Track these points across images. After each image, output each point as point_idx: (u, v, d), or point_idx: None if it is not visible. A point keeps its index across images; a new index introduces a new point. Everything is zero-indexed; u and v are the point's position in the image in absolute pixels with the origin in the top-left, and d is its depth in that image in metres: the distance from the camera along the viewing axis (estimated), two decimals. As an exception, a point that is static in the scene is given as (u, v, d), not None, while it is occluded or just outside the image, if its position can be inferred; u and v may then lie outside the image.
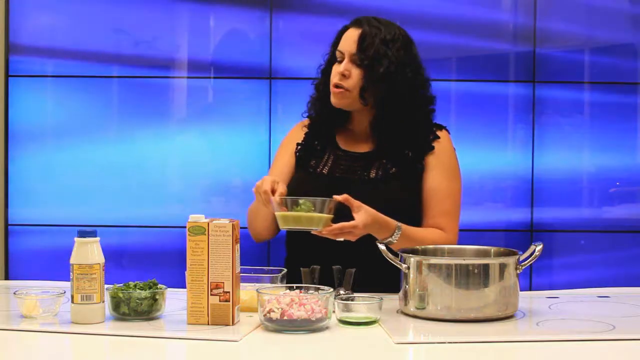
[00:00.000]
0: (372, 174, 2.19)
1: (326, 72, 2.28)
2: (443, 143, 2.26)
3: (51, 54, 3.06)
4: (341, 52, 2.21)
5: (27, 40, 3.07)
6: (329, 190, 1.99)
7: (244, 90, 3.07)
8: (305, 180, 2.24)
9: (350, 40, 2.20)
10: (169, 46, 3.08)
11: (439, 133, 2.27)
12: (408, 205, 2.19)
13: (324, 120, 2.31)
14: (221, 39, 3.10)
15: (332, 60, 2.27)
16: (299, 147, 2.31)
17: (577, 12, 3.10)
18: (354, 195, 1.95)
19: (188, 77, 3.09)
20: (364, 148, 2.26)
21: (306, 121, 2.39)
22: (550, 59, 3.09)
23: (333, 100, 2.22)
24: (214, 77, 3.08)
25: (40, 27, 3.07)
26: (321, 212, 1.87)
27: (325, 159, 2.26)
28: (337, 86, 2.20)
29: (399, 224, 2.04)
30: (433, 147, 2.23)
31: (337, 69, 2.21)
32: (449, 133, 2.31)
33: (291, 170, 2.30)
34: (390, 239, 2.01)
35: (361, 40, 2.17)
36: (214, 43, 3.10)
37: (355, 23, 2.23)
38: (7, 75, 3.05)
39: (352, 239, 1.96)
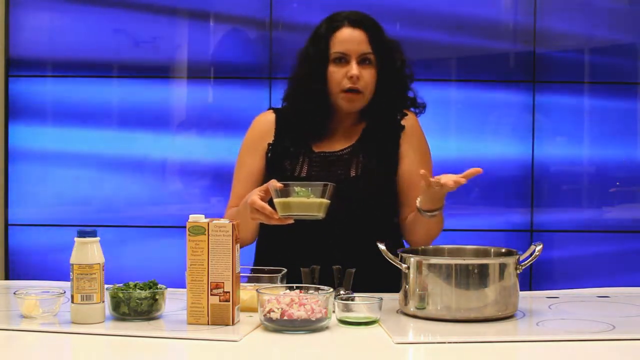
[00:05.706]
0: (353, 173, 2.17)
1: (318, 75, 2.14)
2: (411, 122, 2.22)
3: (52, 55, 3.07)
4: (344, 54, 2.12)
5: (27, 41, 3.07)
6: None
7: (244, 90, 3.07)
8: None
9: (352, 41, 2.12)
10: (169, 47, 3.09)
11: (405, 111, 2.24)
12: (391, 198, 2.19)
13: (311, 123, 2.19)
14: (221, 39, 3.10)
15: (322, 61, 2.14)
16: (270, 147, 2.21)
17: (577, 12, 3.10)
18: (337, 195, 1.89)
19: (188, 78, 3.09)
20: (335, 147, 2.22)
21: (267, 115, 2.26)
22: (550, 59, 3.09)
23: (345, 105, 2.13)
24: (214, 78, 3.09)
25: (40, 28, 3.07)
26: (322, 197, 1.85)
27: (300, 161, 2.18)
28: (351, 90, 2.11)
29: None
30: (404, 127, 2.20)
31: (342, 71, 2.12)
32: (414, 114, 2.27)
33: (261, 174, 2.20)
34: (438, 211, 2.02)
35: (371, 40, 2.12)
36: (214, 43, 3.10)
37: (350, 22, 2.14)
38: (7, 75, 3.06)
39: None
